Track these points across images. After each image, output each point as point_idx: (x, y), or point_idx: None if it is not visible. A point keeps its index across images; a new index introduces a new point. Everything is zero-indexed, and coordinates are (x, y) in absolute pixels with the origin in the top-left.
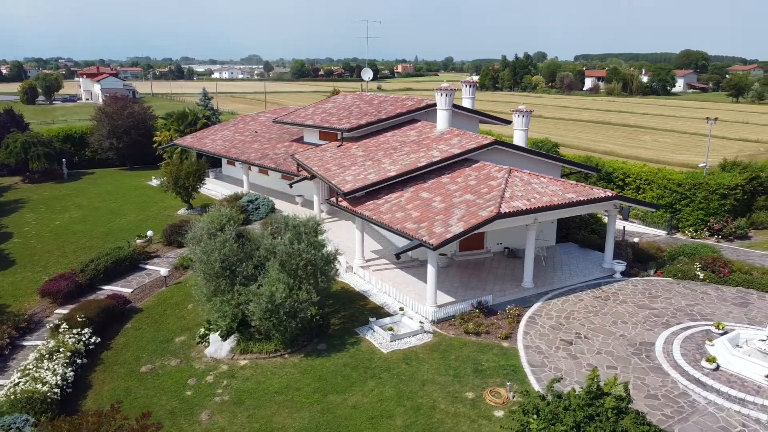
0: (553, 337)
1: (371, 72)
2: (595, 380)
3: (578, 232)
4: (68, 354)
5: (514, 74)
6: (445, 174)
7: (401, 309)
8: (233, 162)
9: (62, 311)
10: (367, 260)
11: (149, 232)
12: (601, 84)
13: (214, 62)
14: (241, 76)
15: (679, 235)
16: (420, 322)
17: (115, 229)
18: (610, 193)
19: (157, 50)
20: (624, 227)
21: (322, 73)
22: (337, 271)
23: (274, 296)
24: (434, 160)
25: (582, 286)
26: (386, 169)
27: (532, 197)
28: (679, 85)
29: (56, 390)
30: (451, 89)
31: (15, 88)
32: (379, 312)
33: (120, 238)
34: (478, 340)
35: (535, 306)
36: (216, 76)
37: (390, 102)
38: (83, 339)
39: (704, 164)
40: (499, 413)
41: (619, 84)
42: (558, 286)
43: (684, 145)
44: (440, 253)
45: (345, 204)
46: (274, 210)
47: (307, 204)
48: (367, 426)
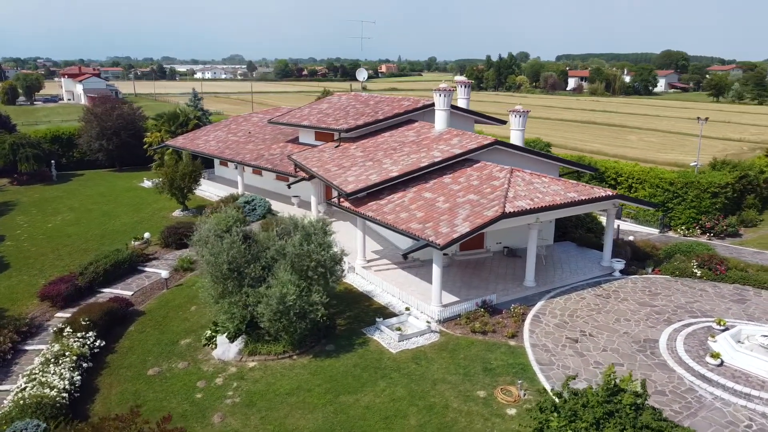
0: (558, 336)
1: (366, 72)
2: (612, 377)
3: (575, 231)
4: (74, 358)
5: (499, 74)
6: (446, 174)
7: (407, 309)
8: (226, 163)
9: (63, 315)
10: (369, 261)
11: (146, 234)
12: (585, 84)
13: (195, 62)
14: (224, 76)
15: (671, 234)
16: (427, 322)
17: (110, 232)
18: (611, 192)
19: (138, 50)
20: (618, 226)
21: (306, 73)
22: (344, 271)
23: (285, 297)
24: (436, 160)
25: (583, 285)
26: (388, 170)
27: (535, 197)
28: (661, 85)
29: (64, 394)
30: (449, 89)
31: None
32: (384, 312)
33: (115, 240)
34: (485, 339)
35: (539, 304)
36: (199, 76)
37: (386, 102)
38: (88, 343)
39: (695, 163)
40: (512, 411)
41: (602, 84)
42: (559, 285)
43: (669, 145)
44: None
45: (347, 205)
46: (270, 211)
47: (303, 205)
48: (382, 426)
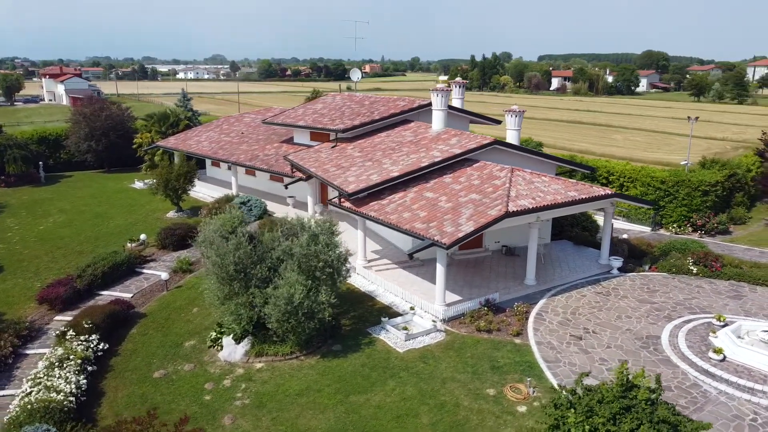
0: (562, 333)
1: (359, 73)
2: (625, 373)
3: (571, 230)
4: (78, 361)
5: (483, 74)
6: (446, 174)
7: (412, 308)
8: (218, 163)
9: (62, 318)
10: (369, 261)
11: (142, 236)
12: (568, 84)
13: (177, 62)
14: (207, 77)
15: (663, 231)
16: (433, 321)
17: (104, 233)
18: (610, 191)
19: (117, 50)
20: (611, 224)
21: (289, 73)
22: (349, 270)
23: (293, 298)
24: (436, 160)
25: (582, 282)
26: (388, 170)
27: (536, 196)
28: (643, 85)
29: (72, 398)
30: (446, 90)
31: None
32: (388, 312)
33: (110, 242)
34: (491, 338)
35: (541, 303)
36: (181, 76)
37: (382, 102)
38: (91, 346)
39: (686, 162)
40: (522, 409)
41: (586, 84)
42: (559, 283)
43: (655, 144)
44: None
45: (348, 205)
46: (266, 212)
47: (298, 205)
48: (394, 425)
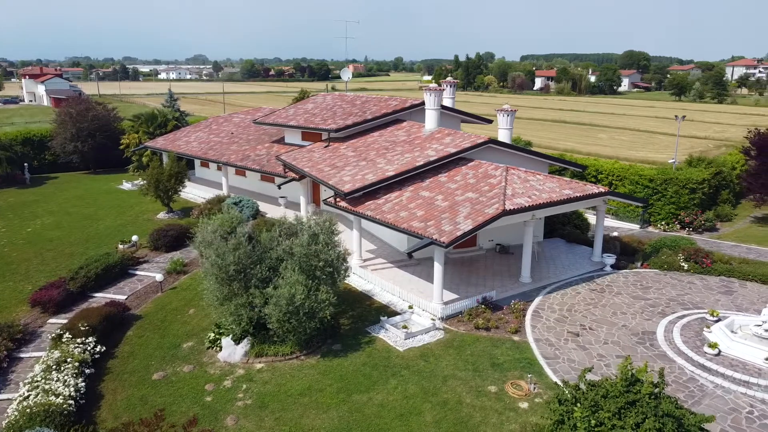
0: (560, 330)
1: (350, 72)
2: (629, 368)
3: (563, 228)
4: (76, 364)
5: (467, 74)
6: (441, 173)
7: (410, 307)
8: (207, 164)
9: (56, 321)
10: (365, 260)
11: (134, 237)
12: (552, 84)
13: (158, 62)
14: (189, 77)
15: (651, 229)
16: (431, 319)
17: (94, 235)
18: (603, 189)
19: (97, 50)
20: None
21: (273, 73)
22: (348, 269)
23: (295, 298)
24: (432, 159)
25: (576, 280)
26: (383, 169)
27: (532, 194)
28: (625, 85)
29: (71, 401)
30: (439, 89)
31: None
32: (386, 311)
33: (101, 244)
34: (490, 335)
35: (537, 300)
36: (163, 76)
37: (373, 102)
38: (88, 348)
39: (673, 160)
40: (524, 405)
41: (569, 84)
42: (554, 280)
43: (639, 142)
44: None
45: (344, 204)
46: (259, 212)
47: (290, 205)
48: (398, 423)
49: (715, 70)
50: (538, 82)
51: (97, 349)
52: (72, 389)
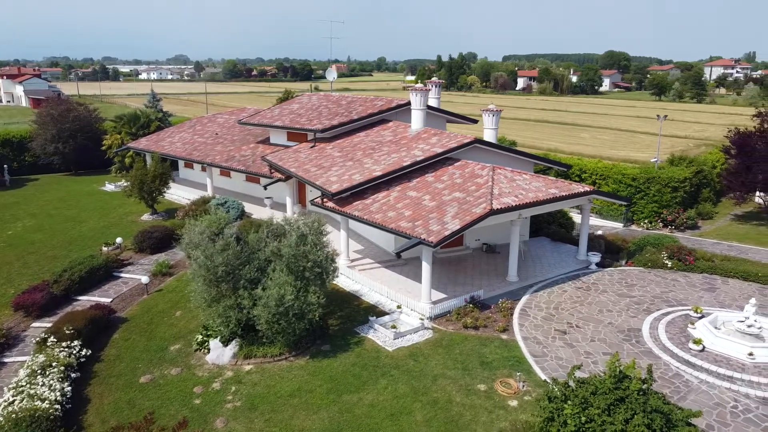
0: (547, 328)
1: (335, 73)
2: (617, 365)
3: (548, 227)
4: (62, 368)
5: (450, 74)
6: (428, 173)
7: (399, 307)
8: (191, 165)
9: (40, 325)
10: (352, 261)
11: (118, 239)
12: (534, 84)
13: (139, 62)
14: (170, 77)
15: (634, 227)
16: (420, 319)
17: (77, 237)
18: (588, 188)
19: (76, 50)
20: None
21: (255, 73)
22: (336, 270)
23: (284, 299)
24: (418, 159)
25: (563, 278)
26: (370, 169)
27: (518, 193)
28: (606, 85)
29: (57, 406)
30: (425, 89)
31: None
32: (375, 311)
33: (84, 246)
34: (478, 334)
35: (524, 298)
36: (144, 76)
37: (359, 102)
38: (74, 352)
39: (655, 159)
40: (514, 403)
41: (551, 84)
42: (540, 279)
43: (621, 142)
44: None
45: (332, 205)
46: (244, 213)
47: (276, 206)
48: (389, 423)
49: (694, 71)
50: (521, 82)
51: (83, 353)
52: (58, 394)
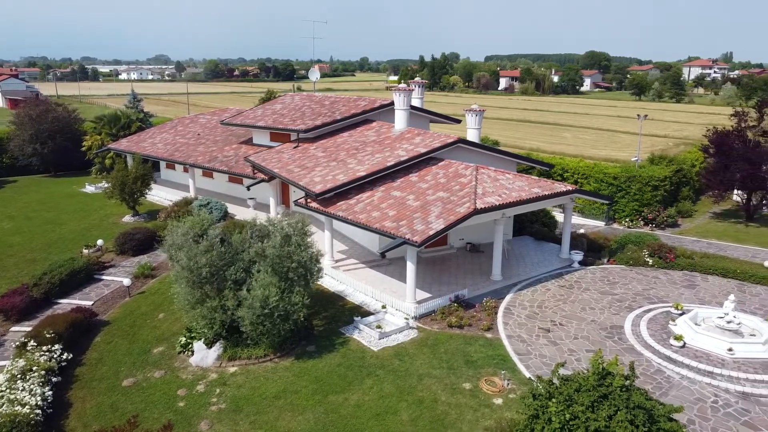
0: (531, 326)
1: (318, 73)
2: (600, 362)
3: (531, 226)
4: (42, 373)
5: (433, 74)
6: (412, 173)
7: (383, 307)
8: (173, 166)
9: (19, 329)
10: (336, 261)
11: (99, 241)
12: (516, 84)
13: (118, 62)
14: (151, 77)
15: (616, 225)
16: (405, 318)
17: (56, 240)
18: (571, 187)
19: (54, 49)
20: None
21: (237, 73)
22: (320, 270)
23: (268, 300)
24: (402, 159)
25: (546, 277)
26: (354, 170)
27: (502, 193)
28: (587, 85)
29: (38, 411)
30: (408, 89)
31: None
32: (360, 311)
33: (64, 248)
34: (463, 333)
35: (508, 297)
36: (124, 76)
37: (342, 102)
38: (55, 356)
39: (636, 158)
40: (498, 401)
41: (533, 84)
42: (524, 278)
43: (602, 141)
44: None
45: (315, 205)
46: (227, 214)
47: (260, 207)
48: (374, 423)
49: (673, 71)
50: (503, 83)
51: (64, 357)
52: (39, 398)
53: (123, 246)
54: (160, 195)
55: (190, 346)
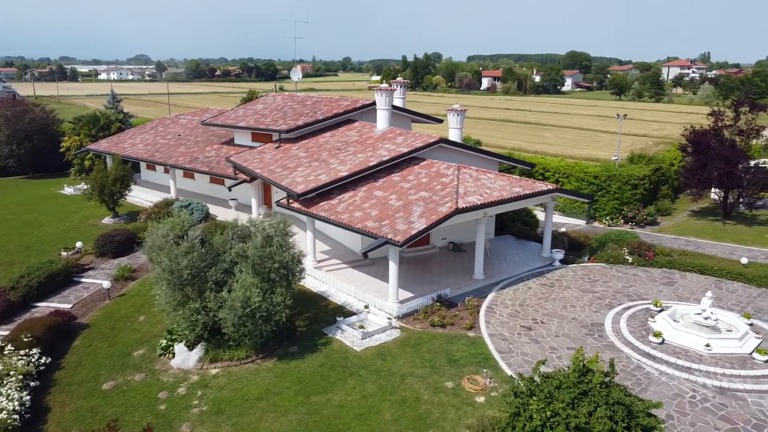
0: (513, 324)
1: (300, 72)
2: (580, 359)
3: (513, 225)
4: (20, 377)
5: (415, 74)
6: (394, 172)
7: (366, 307)
8: (153, 167)
9: None
10: (319, 261)
11: (78, 244)
12: (498, 84)
13: (98, 62)
14: (131, 77)
15: (596, 224)
16: (388, 318)
17: (34, 242)
18: (551, 186)
19: (32, 49)
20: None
21: (218, 73)
22: (302, 271)
23: (250, 301)
24: (384, 159)
25: (527, 275)
26: (336, 170)
27: (483, 192)
28: (568, 85)
29: (15, 416)
30: (390, 89)
31: None
32: (342, 311)
33: (42, 251)
34: (445, 332)
35: (490, 296)
36: (103, 77)
37: (324, 102)
38: (33, 360)
39: (616, 157)
40: (481, 399)
41: (515, 84)
42: (506, 276)
43: (583, 141)
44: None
45: (297, 206)
46: (209, 215)
47: (241, 207)
48: (357, 423)
49: (652, 71)
50: (485, 82)
51: (42, 361)
52: (16, 403)
53: (102, 248)
54: (140, 196)
55: (171, 349)
